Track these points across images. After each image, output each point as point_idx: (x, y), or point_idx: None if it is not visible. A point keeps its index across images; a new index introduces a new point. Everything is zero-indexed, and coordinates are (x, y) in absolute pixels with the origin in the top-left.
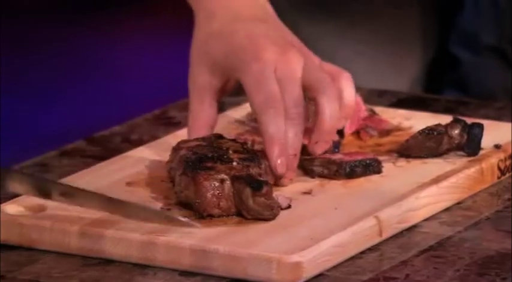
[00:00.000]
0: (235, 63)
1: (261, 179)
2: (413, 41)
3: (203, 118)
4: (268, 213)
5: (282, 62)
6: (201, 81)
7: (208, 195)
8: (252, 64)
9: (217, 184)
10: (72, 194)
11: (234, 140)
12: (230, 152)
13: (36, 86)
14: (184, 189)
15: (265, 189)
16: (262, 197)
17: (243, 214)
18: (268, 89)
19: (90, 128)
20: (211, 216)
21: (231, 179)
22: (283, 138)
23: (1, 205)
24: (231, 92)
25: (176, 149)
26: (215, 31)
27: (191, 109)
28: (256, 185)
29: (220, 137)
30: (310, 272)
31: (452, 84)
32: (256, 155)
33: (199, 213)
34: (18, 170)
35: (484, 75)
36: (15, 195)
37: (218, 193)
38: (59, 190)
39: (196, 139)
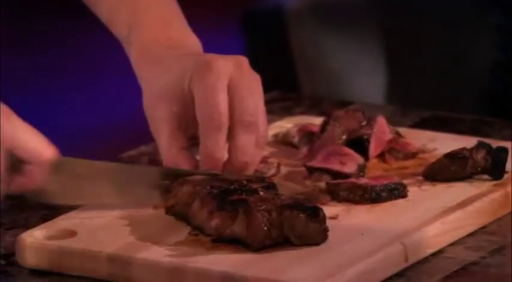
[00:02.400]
0: (189, 77)
1: (313, 205)
2: (437, 55)
3: (180, 151)
4: (322, 237)
5: (237, 70)
6: (161, 114)
7: (262, 226)
8: (205, 74)
9: (267, 215)
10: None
11: None
12: (244, 182)
13: (45, 83)
14: (230, 224)
15: (321, 214)
16: (318, 222)
17: (291, 241)
18: (216, 101)
19: (100, 127)
20: (264, 247)
21: (279, 208)
22: (219, 152)
23: (31, 230)
24: None
25: (180, 184)
26: (158, 59)
27: (163, 145)
28: (312, 212)
29: None
30: None
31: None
32: (271, 182)
33: (254, 246)
34: None
35: None
36: (45, 220)
37: (269, 223)
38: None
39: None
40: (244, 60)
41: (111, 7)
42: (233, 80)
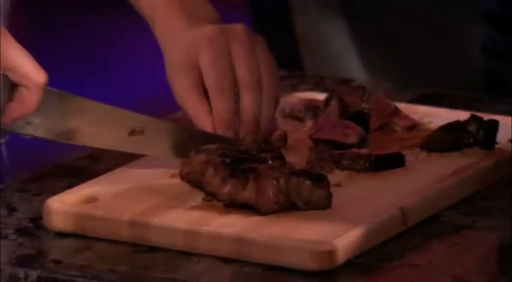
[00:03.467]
0: (196, 50)
1: (318, 172)
2: (436, 36)
3: (207, 114)
4: (327, 203)
5: (237, 36)
6: (181, 84)
7: (270, 192)
8: (207, 45)
9: (275, 182)
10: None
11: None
12: (254, 152)
13: (67, 68)
14: (241, 190)
15: (326, 181)
16: (323, 189)
17: (298, 206)
18: (218, 67)
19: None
20: (272, 212)
21: (287, 175)
22: (228, 113)
23: (57, 196)
24: None
25: (195, 153)
26: (176, 33)
27: (191, 112)
28: (317, 179)
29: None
30: (341, 259)
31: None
32: (279, 152)
33: (262, 211)
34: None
35: None
36: (70, 187)
37: (277, 190)
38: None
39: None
40: (243, 27)
41: None
42: (234, 45)
